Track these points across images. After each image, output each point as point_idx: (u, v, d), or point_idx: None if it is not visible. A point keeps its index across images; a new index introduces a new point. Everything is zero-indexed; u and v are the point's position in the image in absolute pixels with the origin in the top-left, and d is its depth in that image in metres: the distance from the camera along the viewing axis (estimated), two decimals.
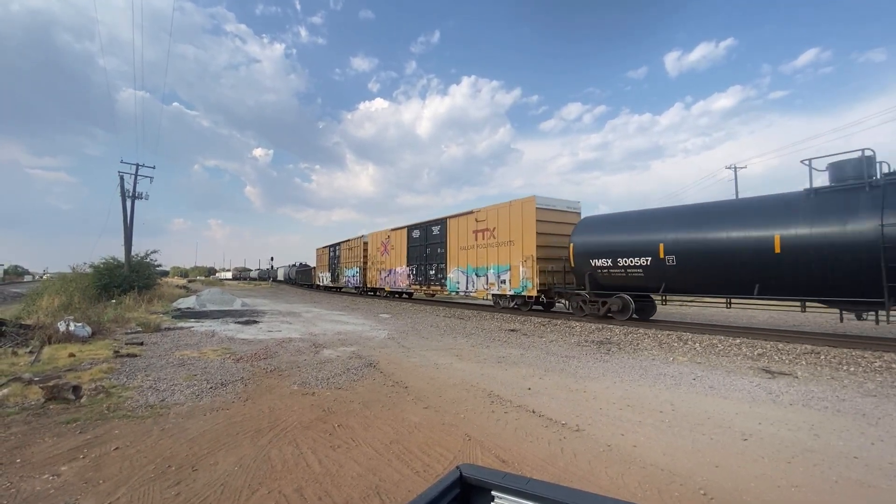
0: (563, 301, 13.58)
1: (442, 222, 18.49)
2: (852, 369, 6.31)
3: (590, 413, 4.55)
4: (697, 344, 8.40)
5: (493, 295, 15.72)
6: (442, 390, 5.45)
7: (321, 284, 37.64)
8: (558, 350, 8.20)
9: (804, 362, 6.82)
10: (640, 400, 4.99)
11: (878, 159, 7.79)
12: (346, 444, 3.72)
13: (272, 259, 71.66)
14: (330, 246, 34.48)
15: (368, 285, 26.13)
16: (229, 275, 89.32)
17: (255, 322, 13.27)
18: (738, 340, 8.48)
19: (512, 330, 11.06)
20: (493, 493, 1.06)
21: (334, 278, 33.07)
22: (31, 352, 7.59)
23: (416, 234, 20.63)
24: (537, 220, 13.51)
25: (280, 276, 62.40)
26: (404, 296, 24.39)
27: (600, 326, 10.97)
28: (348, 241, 29.73)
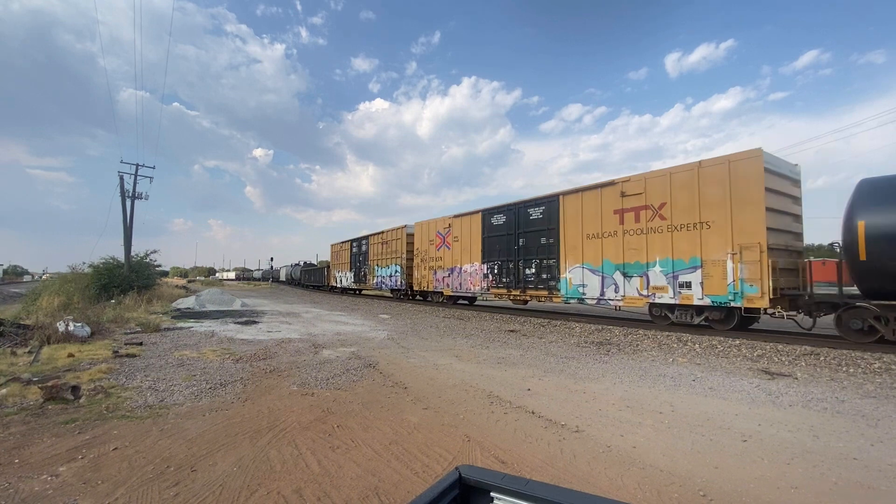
0: (806, 314, 8.75)
1: (548, 201, 13.32)
2: (851, 371, 6.31)
3: (589, 414, 4.55)
4: (697, 345, 8.40)
5: (657, 305, 10.56)
6: (441, 391, 5.45)
7: (338, 286, 32.17)
8: (558, 351, 8.19)
9: (804, 363, 6.82)
10: (639, 401, 4.99)
11: None
12: (346, 445, 3.72)
13: (272, 259, 71.44)
14: (353, 240, 29.05)
15: (416, 287, 20.55)
16: (232, 275, 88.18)
17: (255, 322, 13.26)
18: (737, 341, 8.48)
19: (511, 331, 11.06)
20: (492, 494, 1.06)
21: (359, 278, 27.65)
22: (30, 352, 7.58)
23: (497, 219, 15.33)
24: (767, 190, 8.62)
25: (282, 277, 59.59)
26: (473, 303, 19.14)
27: (600, 327, 10.96)
28: (382, 232, 24.25)
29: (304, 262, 51.06)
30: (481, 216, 16.15)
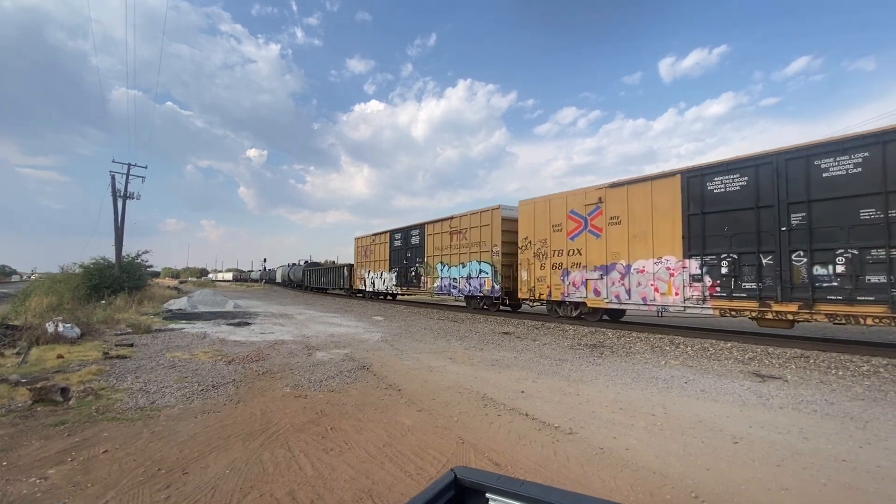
0: None
1: (867, 141, 7.38)
2: (841, 373, 6.39)
3: (582, 416, 4.56)
4: (689, 348, 8.47)
5: None
6: (435, 393, 5.44)
7: (368, 289, 25.14)
8: (551, 353, 8.22)
9: (794, 366, 6.90)
10: (632, 403, 5.02)
11: None
12: (339, 447, 3.70)
13: (265, 261, 70.68)
14: (394, 231, 22.26)
15: (524, 295, 13.74)
16: (229, 276, 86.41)
17: (248, 324, 13.17)
18: (728, 344, 8.55)
19: (506, 333, 11.07)
20: (487, 495, 1.07)
21: (407, 280, 20.73)
22: (18, 353, 7.48)
23: (723, 183, 9.21)
24: None
25: (277, 278, 55.02)
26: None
27: (593, 330, 11.01)
28: (452, 217, 17.46)
29: (306, 261, 45.70)
30: (681, 180, 9.82)
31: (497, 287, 14.89)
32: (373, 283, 24.56)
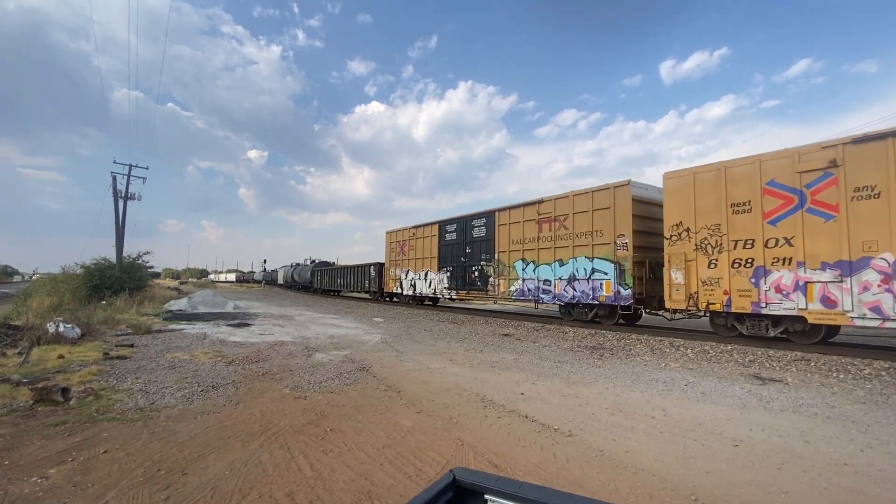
0: None
1: None
2: (842, 376, 6.38)
3: (582, 418, 4.56)
4: (689, 350, 8.46)
5: None
6: (435, 395, 5.44)
7: (405, 293, 20.95)
8: (551, 355, 8.21)
9: (794, 369, 6.88)
10: (632, 405, 5.01)
11: None
12: (339, 449, 3.70)
13: (265, 262, 70.63)
14: (444, 222, 18.22)
15: (686, 305, 9.70)
16: (232, 277, 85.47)
17: (248, 325, 13.18)
18: (729, 347, 8.54)
19: (505, 335, 11.07)
20: (486, 496, 1.07)
21: (466, 282, 16.60)
22: (19, 353, 7.49)
23: None
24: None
25: (279, 279, 52.36)
26: None
27: (593, 332, 11.00)
28: (541, 201, 13.40)
29: (313, 260, 41.61)
30: None
31: (625, 292, 10.75)
32: (412, 286, 20.25)
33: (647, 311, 11.36)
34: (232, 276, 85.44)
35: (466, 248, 16.80)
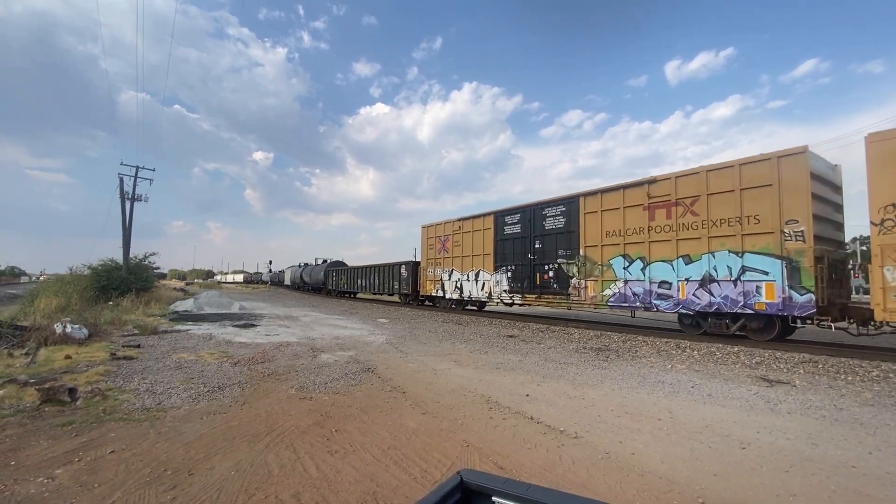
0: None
1: None
2: (850, 378, 6.32)
3: (588, 420, 4.54)
4: (696, 352, 8.41)
5: None
6: (440, 396, 5.44)
7: (448, 296, 17.99)
8: (556, 356, 8.19)
9: (802, 371, 6.83)
10: (638, 407, 4.98)
11: None
12: (344, 450, 3.71)
13: (270, 263, 70.84)
14: (501, 213, 15.41)
15: None
16: (240, 277, 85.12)
17: (253, 326, 13.23)
18: (736, 348, 8.48)
19: (510, 336, 11.05)
20: (493, 498, 1.06)
21: (533, 284, 13.90)
22: (27, 353, 7.55)
23: None
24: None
25: (286, 280, 51.08)
26: None
27: (598, 333, 10.96)
28: (651, 181, 10.67)
29: (331, 261, 38.58)
30: None
31: (802, 298, 8.18)
32: (457, 288, 17.27)
33: (825, 322, 8.15)
34: (239, 277, 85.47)
35: (535, 242, 13.86)
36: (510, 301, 15.01)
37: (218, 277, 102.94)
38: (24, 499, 2.85)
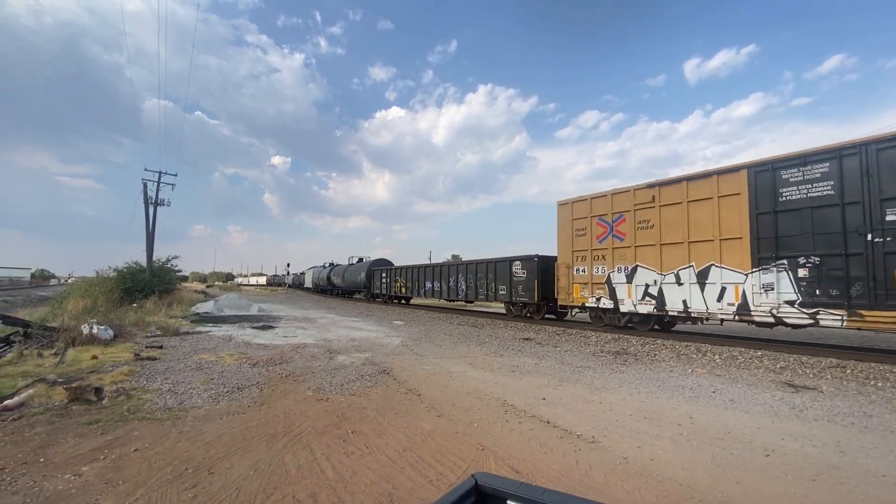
0: None
1: None
2: (880, 384, 6.09)
3: (605, 424, 4.47)
4: (717, 356, 8.22)
5: None
6: (455, 398, 5.43)
7: (621, 307, 11.39)
8: (573, 360, 8.10)
9: (829, 376, 6.61)
10: (657, 412, 4.89)
11: None
12: (360, 451, 3.73)
13: (288, 265, 71.75)
14: (767, 166, 8.53)
15: None
16: (263, 280, 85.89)
17: (271, 327, 13.42)
18: (759, 353, 8.26)
19: (526, 339, 10.97)
20: (508, 502, 1.06)
21: (868, 292, 7.10)
22: (55, 353, 7.80)
23: None
24: None
25: (307, 282, 47.94)
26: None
27: (616, 336, 10.80)
28: None
29: (363, 259, 33.60)
30: None
31: None
32: (642, 295, 10.89)
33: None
34: (262, 280, 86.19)
35: (886, 210, 7.19)
36: (799, 320, 8.14)
37: (238, 280, 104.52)
38: (52, 494, 2.94)
